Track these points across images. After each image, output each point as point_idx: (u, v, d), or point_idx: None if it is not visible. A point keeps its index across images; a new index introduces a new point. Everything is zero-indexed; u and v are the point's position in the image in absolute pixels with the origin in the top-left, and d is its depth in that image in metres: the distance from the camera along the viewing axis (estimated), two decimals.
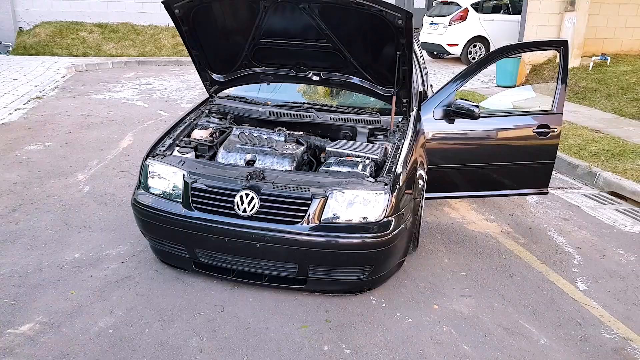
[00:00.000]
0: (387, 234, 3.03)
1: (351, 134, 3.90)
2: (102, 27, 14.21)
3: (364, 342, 2.86)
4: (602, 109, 8.38)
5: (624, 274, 3.72)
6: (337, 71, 3.82)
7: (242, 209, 3.03)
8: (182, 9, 3.49)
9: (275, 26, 3.58)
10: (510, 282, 3.54)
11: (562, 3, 10.56)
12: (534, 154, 4.13)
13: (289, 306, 3.14)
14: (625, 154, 5.96)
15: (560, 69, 4.04)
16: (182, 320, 2.98)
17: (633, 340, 2.98)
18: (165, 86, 10.30)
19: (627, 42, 11.62)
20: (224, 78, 4.13)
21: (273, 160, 3.43)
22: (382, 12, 3.16)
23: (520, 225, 4.48)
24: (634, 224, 4.59)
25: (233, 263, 3.22)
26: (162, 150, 3.47)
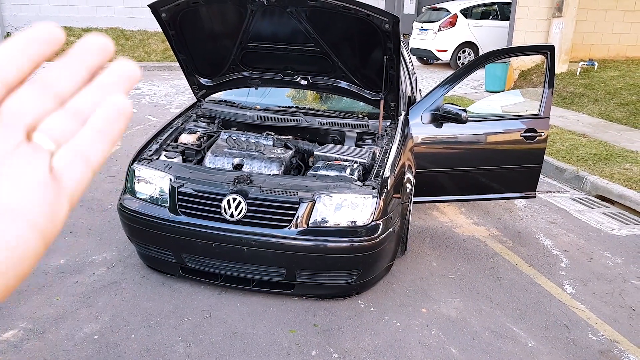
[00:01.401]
0: (375, 237, 3.02)
1: (339, 138, 3.91)
2: (91, 31, 14.14)
3: (352, 346, 2.85)
4: (590, 113, 8.46)
5: (610, 276, 3.75)
6: (325, 75, 3.82)
7: (229, 214, 3.02)
8: (168, 12, 3.47)
9: (263, 30, 3.57)
10: (498, 285, 3.55)
11: (549, 9, 10.67)
12: (522, 157, 4.15)
13: (276, 311, 3.13)
14: (612, 158, 6.02)
15: (547, 73, 4.07)
16: (168, 325, 2.96)
17: (619, 342, 2.99)
18: (155, 91, 10.26)
19: (613, 48, 11.75)
20: (212, 82, 4.12)
21: (261, 165, 3.42)
22: (369, 17, 3.17)
23: (509, 228, 4.50)
24: (621, 227, 4.63)
25: (220, 268, 3.20)
26: (148, 154, 3.45)
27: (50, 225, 0.31)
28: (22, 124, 0.30)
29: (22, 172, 0.30)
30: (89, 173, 0.33)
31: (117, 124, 0.33)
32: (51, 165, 0.31)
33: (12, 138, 0.30)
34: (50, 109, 0.31)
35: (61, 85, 0.31)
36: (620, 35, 11.75)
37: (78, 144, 0.32)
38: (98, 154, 0.33)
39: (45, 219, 0.31)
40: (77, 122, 0.32)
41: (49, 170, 0.31)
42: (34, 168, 0.30)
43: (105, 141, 0.33)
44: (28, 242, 0.30)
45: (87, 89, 0.32)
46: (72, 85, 0.32)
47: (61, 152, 0.31)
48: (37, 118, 0.31)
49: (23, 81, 0.31)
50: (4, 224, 0.29)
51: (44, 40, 0.30)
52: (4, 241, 0.29)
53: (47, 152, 0.31)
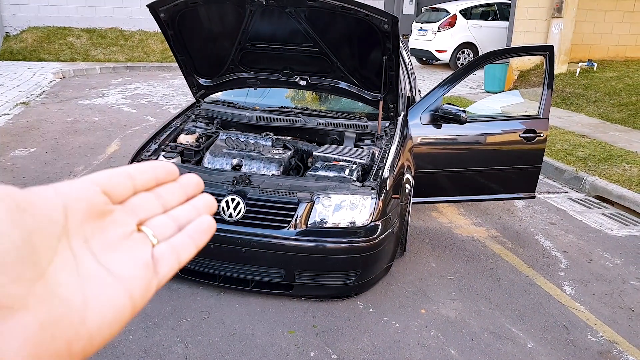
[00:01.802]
0: (374, 238, 3.02)
1: (339, 138, 3.90)
2: (90, 32, 14.14)
3: (350, 347, 2.84)
4: (589, 114, 8.46)
5: (610, 277, 3.74)
6: (324, 76, 3.82)
7: (228, 214, 3.01)
8: (167, 12, 3.47)
9: (262, 30, 3.57)
10: (497, 286, 3.54)
11: (549, 10, 10.67)
12: (521, 158, 4.15)
13: (275, 312, 3.12)
14: (611, 159, 6.01)
15: (546, 74, 4.07)
16: (167, 326, 2.95)
17: (619, 343, 2.98)
18: (154, 92, 10.25)
19: (613, 49, 11.76)
20: (211, 82, 4.11)
21: (260, 165, 3.41)
22: (368, 17, 3.16)
23: (508, 229, 4.49)
24: (620, 227, 4.62)
25: (219, 269, 3.19)
26: (147, 155, 3.44)
27: (142, 299, 0.38)
28: (137, 217, 0.40)
29: (132, 251, 0.38)
30: (176, 267, 0.40)
31: (204, 235, 0.42)
32: (152, 253, 0.39)
33: (129, 225, 0.39)
34: (157, 213, 0.41)
35: (168, 198, 0.42)
36: (620, 36, 11.76)
37: (174, 243, 0.40)
38: (187, 254, 0.41)
39: (140, 293, 0.37)
40: (175, 227, 0.41)
41: (150, 256, 0.39)
42: (141, 251, 0.38)
43: (194, 245, 0.41)
44: (124, 307, 0.36)
45: (185, 206, 0.43)
46: (175, 201, 0.43)
47: (161, 245, 0.40)
48: (147, 216, 0.40)
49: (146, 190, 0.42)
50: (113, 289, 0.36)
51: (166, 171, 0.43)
52: (111, 302, 0.36)
53: (150, 243, 0.39)
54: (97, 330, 0.35)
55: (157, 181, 0.42)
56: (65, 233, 0.35)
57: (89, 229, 0.36)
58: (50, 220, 0.34)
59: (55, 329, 0.33)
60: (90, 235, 0.36)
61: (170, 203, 0.42)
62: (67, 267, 0.34)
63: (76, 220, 0.35)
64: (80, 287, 0.34)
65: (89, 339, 0.34)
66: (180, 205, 0.43)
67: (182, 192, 0.44)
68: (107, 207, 0.38)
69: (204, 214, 0.44)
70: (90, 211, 0.36)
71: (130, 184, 0.40)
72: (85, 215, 0.36)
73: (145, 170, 0.41)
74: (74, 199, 0.36)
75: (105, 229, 0.37)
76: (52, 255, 0.34)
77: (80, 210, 0.36)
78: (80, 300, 0.34)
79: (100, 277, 0.36)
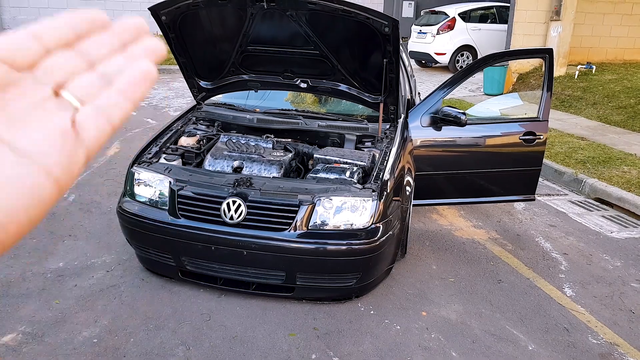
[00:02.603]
0: (375, 240, 3.02)
1: (339, 141, 3.91)
2: None
3: (352, 349, 2.84)
4: (588, 116, 8.48)
5: (610, 279, 3.75)
6: (325, 78, 3.83)
7: (229, 216, 3.01)
8: (168, 15, 3.47)
9: (263, 33, 3.58)
10: (497, 289, 3.54)
11: (547, 12, 10.70)
12: (521, 160, 4.16)
13: (276, 314, 3.12)
14: (610, 161, 6.03)
15: (546, 76, 4.08)
16: (168, 329, 2.95)
17: (619, 345, 2.99)
18: (154, 94, 10.26)
19: (611, 51, 11.79)
20: (212, 85, 4.12)
21: (260, 167, 3.42)
22: (369, 20, 3.17)
23: (508, 231, 4.50)
24: (620, 230, 4.63)
25: (220, 271, 3.19)
26: (148, 157, 3.44)
27: (66, 174, 0.34)
28: (53, 81, 0.34)
29: (44, 122, 0.33)
30: (109, 130, 0.36)
31: (141, 87, 0.36)
32: (74, 119, 0.34)
33: (41, 92, 0.33)
34: (80, 71, 0.35)
35: (93, 51, 0.36)
36: (618, 38, 11.79)
37: (102, 103, 0.35)
38: (119, 113, 0.36)
39: (62, 168, 0.33)
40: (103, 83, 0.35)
41: (70, 123, 0.34)
42: (56, 120, 0.33)
43: (128, 101, 0.36)
44: (42, 188, 0.32)
45: (117, 56, 0.36)
46: (103, 53, 0.36)
47: (85, 108, 0.35)
48: (67, 77, 0.35)
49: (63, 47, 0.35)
50: (19, 167, 0.32)
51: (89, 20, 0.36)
52: (18, 184, 0.32)
53: (71, 107, 0.34)
54: (8, 216, 0.31)
55: (78, 34, 0.36)
56: None
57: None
58: None
59: None
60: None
61: (99, 57, 0.36)
62: None
63: None
64: None
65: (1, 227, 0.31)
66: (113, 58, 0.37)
67: (115, 39, 0.37)
68: (8, 77, 0.33)
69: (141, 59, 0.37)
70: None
71: (37, 44, 0.34)
72: None
73: (57, 25, 0.36)
74: None
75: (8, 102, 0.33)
76: None
77: None
78: None
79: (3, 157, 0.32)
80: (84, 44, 0.36)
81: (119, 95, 0.36)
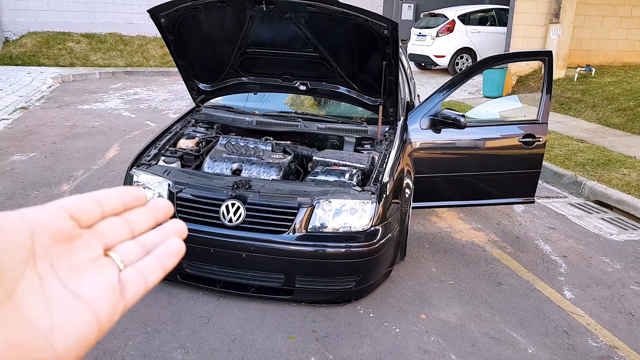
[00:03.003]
0: (374, 243, 3.01)
1: (338, 143, 3.90)
2: (90, 37, 14.16)
3: (351, 352, 2.83)
4: (587, 119, 8.48)
5: (609, 282, 3.74)
6: (324, 81, 3.83)
7: (227, 219, 3.01)
8: (167, 18, 3.48)
9: (262, 35, 3.58)
10: (497, 291, 3.54)
11: (547, 15, 10.71)
12: (520, 163, 4.16)
13: (275, 317, 3.11)
14: (610, 164, 6.02)
15: (545, 79, 4.08)
16: (166, 332, 2.94)
17: (619, 348, 2.98)
18: (153, 96, 10.26)
19: (611, 54, 11.80)
20: (211, 87, 4.12)
21: (260, 170, 3.41)
22: (368, 22, 3.17)
23: (507, 234, 4.49)
24: (620, 232, 4.62)
25: (219, 274, 3.18)
26: (147, 159, 3.44)
27: (107, 322, 0.39)
28: (104, 242, 0.41)
29: (98, 276, 0.39)
30: (144, 290, 0.42)
31: (173, 258, 0.43)
32: (119, 277, 0.40)
33: (96, 250, 0.40)
34: (125, 238, 0.43)
35: (137, 224, 0.43)
36: (617, 41, 11.81)
37: (141, 267, 0.42)
38: (154, 277, 0.42)
39: (106, 317, 0.38)
40: (142, 251, 0.43)
41: (117, 280, 0.40)
42: (107, 276, 0.40)
43: (161, 269, 0.43)
44: (91, 331, 0.37)
45: (154, 231, 0.45)
46: (143, 225, 0.44)
47: (128, 269, 0.41)
48: (114, 241, 0.42)
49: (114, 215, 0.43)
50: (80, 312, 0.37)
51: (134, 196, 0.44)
52: (78, 326, 0.37)
53: (117, 267, 0.41)
54: (64, 352, 0.36)
55: (126, 206, 0.43)
56: (32, 257, 0.36)
57: (56, 253, 0.37)
58: (17, 244, 0.35)
59: (22, 351, 0.34)
60: (56, 260, 0.37)
61: (139, 228, 0.44)
62: (34, 291, 0.36)
63: (43, 245, 0.37)
64: (47, 310, 0.36)
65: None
66: (150, 231, 0.44)
67: (151, 216, 0.45)
68: (74, 231, 0.39)
69: (173, 236, 0.45)
70: (57, 236, 0.38)
71: (98, 209, 0.41)
72: (51, 240, 0.37)
73: (113, 196, 0.43)
74: (40, 224, 0.37)
75: (72, 253, 0.38)
76: (19, 279, 0.35)
77: (46, 234, 0.37)
78: (47, 323, 0.35)
79: (67, 300, 0.37)
80: (129, 215, 0.43)
81: (156, 262, 0.42)
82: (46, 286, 0.36)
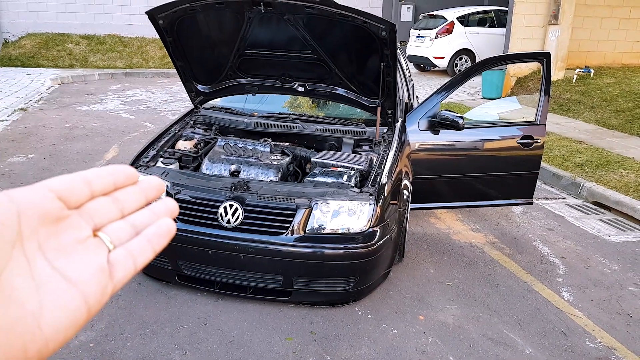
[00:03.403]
0: (373, 244, 3.02)
1: (337, 144, 3.91)
2: (89, 38, 14.16)
3: (349, 354, 2.83)
4: (586, 120, 8.49)
5: (607, 283, 3.74)
6: (322, 82, 3.83)
7: (226, 220, 3.01)
8: (166, 19, 3.48)
9: (260, 37, 3.58)
10: (495, 292, 3.54)
11: (546, 17, 10.72)
12: (519, 164, 4.16)
13: (273, 318, 3.11)
14: (608, 165, 6.03)
15: (543, 80, 4.08)
16: (164, 333, 2.94)
17: (617, 349, 2.98)
18: (152, 98, 10.26)
19: (609, 55, 11.81)
20: (209, 89, 4.12)
21: (258, 171, 3.42)
22: (366, 24, 3.18)
23: (506, 235, 4.50)
24: (618, 233, 4.63)
25: (217, 275, 3.19)
26: (145, 161, 3.44)
27: (96, 304, 0.39)
28: (93, 222, 0.40)
29: (86, 257, 0.39)
30: (133, 271, 0.41)
31: (163, 239, 0.43)
32: (108, 258, 0.40)
33: (84, 231, 0.39)
34: (115, 218, 0.42)
35: (127, 203, 0.43)
36: (616, 42, 11.82)
37: (131, 248, 0.41)
38: (143, 258, 0.42)
39: (95, 298, 0.38)
40: (132, 232, 0.42)
41: (106, 261, 0.39)
42: (95, 257, 0.39)
43: (151, 249, 0.42)
44: (79, 312, 0.37)
45: (144, 210, 0.44)
46: (134, 205, 0.43)
47: (118, 250, 0.40)
48: (104, 221, 0.41)
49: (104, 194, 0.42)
50: (68, 294, 0.37)
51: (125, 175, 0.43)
52: (66, 307, 0.36)
53: (106, 248, 0.40)
54: (53, 333, 0.36)
55: (116, 185, 0.42)
56: (19, 238, 0.35)
57: (44, 235, 0.37)
58: (4, 226, 0.35)
59: (10, 333, 0.34)
60: (44, 241, 0.37)
61: (129, 207, 0.43)
62: (22, 272, 0.35)
63: (30, 226, 0.36)
64: (35, 291, 0.35)
65: (44, 343, 0.35)
66: (140, 210, 0.44)
67: (142, 195, 0.44)
68: (62, 212, 0.38)
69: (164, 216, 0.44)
70: (45, 217, 0.37)
71: (87, 189, 0.40)
72: (39, 221, 0.37)
73: (103, 175, 0.42)
74: (28, 205, 0.36)
75: (60, 234, 0.38)
76: (6, 261, 0.34)
77: (34, 216, 0.36)
78: (36, 304, 0.35)
79: (55, 282, 0.36)
80: (120, 194, 0.43)
81: (146, 243, 0.42)
82: (34, 267, 0.36)
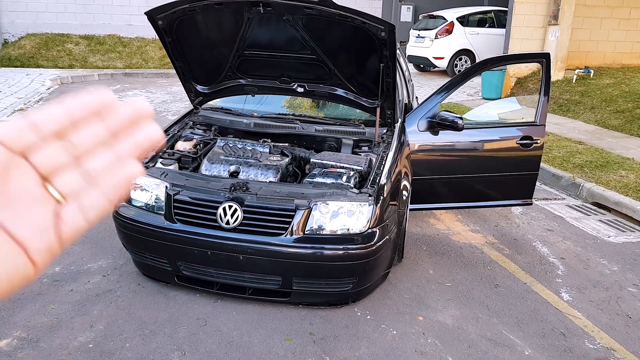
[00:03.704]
0: (372, 245, 3.01)
1: (336, 145, 3.90)
2: (89, 39, 14.16)
3: (348, 354, 2.83)
4: (586, 121, 8.49)
5: (607, 284, 3.74)
6: (321, 83, 3.83)
7: (225, 221, 3.01)
8: (165, 20, 3.48)
9: (260, 38, 3.58)
10: (494, 293, 3.54)
11: (545, 17, 10.72)
12: (518, 165, 4.16)
13: (272, 319, 3.11)
14: (608, 165, 6.03)
15: (543, 81, 4.08)
16: (163, 334, 2.94)
17: (616, 350, 2.98)
18: (152, 98, 10.26)
19: (609, 55, 11.81)
20: (209, 89, 4.12)
21: (257, 172, 3.41)
22: (365, 24, 3.18)
23: (505, 236, 4.50)
24: (617, 234, 4.63)
25: (216, 276, 3.18)
26: (145, 161, 3.44)
27: (43, 260, 0.37)
28: (42, 171, 0.37)
29: (32, 210, 0.36)
30: (85, 226, 0.38)
31: (122, 190, 0.39)
32: (57, 212, 0.37)
33: (32, 180, 0.36)
34: (69, 164, 0.38)
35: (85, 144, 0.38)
36: (616, 43, 11.82)
37: (84, 202, 0.38)
38: (97, 212, 0.39)
39: (40, 254, 0.36)
40: (87, 182, 0.38)
41: (54, 216, 0.37)
42: (42, 210, 0.37)
43: (108, 202, 0.39)
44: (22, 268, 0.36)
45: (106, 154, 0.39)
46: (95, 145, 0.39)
47: (68, 204, 0.38)
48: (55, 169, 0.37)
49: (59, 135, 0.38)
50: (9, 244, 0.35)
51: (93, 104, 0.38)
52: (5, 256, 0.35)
53: (55, 201, 0.37)
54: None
55: (75, 124, 0.38)
56: None
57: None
58: None
59: None
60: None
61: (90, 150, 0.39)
62: None
63: None
64: None
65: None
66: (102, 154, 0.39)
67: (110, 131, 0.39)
68: (4, 158, 0.36)
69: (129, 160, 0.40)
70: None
71: (34, 134, 0.37)
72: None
73: (58, 115, 0.38)
74: None
75: (6, 185, 0.36)
76: None
77: None
78: None
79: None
80: (78, 136, 0.38)
81: (101, 197, 0.38)
82: None
